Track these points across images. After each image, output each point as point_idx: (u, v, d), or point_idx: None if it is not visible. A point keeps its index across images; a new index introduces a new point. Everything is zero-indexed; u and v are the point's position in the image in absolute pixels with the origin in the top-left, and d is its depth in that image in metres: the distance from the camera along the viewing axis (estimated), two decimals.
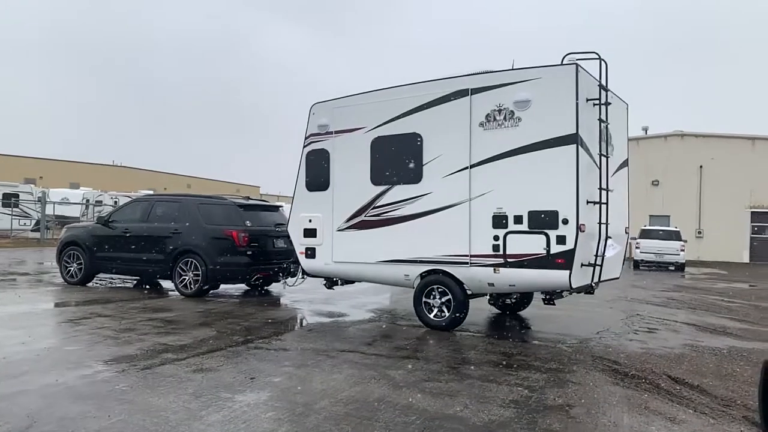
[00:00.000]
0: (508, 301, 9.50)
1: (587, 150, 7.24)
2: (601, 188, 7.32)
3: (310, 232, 9.02)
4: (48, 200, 32.65)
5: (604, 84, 7.53)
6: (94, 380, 5.02)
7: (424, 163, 8.03)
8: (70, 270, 11.81)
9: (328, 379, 5.28)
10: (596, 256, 7.30)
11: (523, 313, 9.77)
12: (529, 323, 9.01)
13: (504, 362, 6.25)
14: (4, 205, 29.37)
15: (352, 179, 8.64)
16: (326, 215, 8.86)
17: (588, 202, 7.20)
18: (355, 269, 8.73)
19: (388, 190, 8.31)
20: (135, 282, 12.45)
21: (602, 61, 7.38)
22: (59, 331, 7.11)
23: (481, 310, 9.55)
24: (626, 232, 8.88)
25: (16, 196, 30.74)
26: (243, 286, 12.06)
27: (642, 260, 24.16)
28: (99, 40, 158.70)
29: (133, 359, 5.79)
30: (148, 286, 11.99)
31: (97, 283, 12.20)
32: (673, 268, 24.21)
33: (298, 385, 5.08)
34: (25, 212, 30.66)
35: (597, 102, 7.42)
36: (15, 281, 12.21)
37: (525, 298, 9.61)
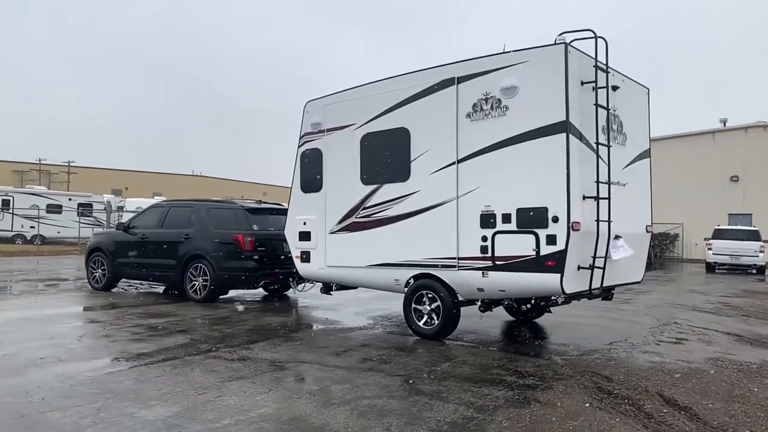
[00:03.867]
0: (523, 307, 8.76)
1: (582, 139, 6.47)
2: (598, 181, 6.50)
3: (304, 236, 8.65)
4: (125, 209, 34.25)
5: (605, 65, 6.72)
6: (14, 392, 4.81)
7: (411, 159, 7.48)
8: (95, 276, 12.02)
9: (256, 393, 4.86)
10: (594, 257, 6.49)
11: (541, 320, 8.98)
12: (540, 332, 8.24)
13: (475, 376, 5.60)
14: (79, 215, 30.95)
15: (344, 179, 8.20)
16: (320, 217, 8.47)
17: (585, 198, 6.44)
18: (347, 274, 8.28)
19: (377, 189, 7.82)
20: (164, 287, 12.43)
21: (598, 40, 6.58)
22: (36, 337, 7.04)
23: (494, 318, 8.87)
24: (647, 231, 7.93)
25: (90, 206, 32.37)
26: (261, 291, 11.86)
27: (715, 263, 22.26)
28: (173, 55, 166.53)
29: (79, 368, 5.60)
30: (176, 292, 11.94)
31: (123, 289, 12.36)
32: (754, 271, 22.17)
33: (219, 399, 4.69)
34: (99, 221, 32.20)
35: (596, 85, 6.62)
36: (46, 287, 12.58)
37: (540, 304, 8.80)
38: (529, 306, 8.61)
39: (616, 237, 6.90)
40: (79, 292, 11.80)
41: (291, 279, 10.53)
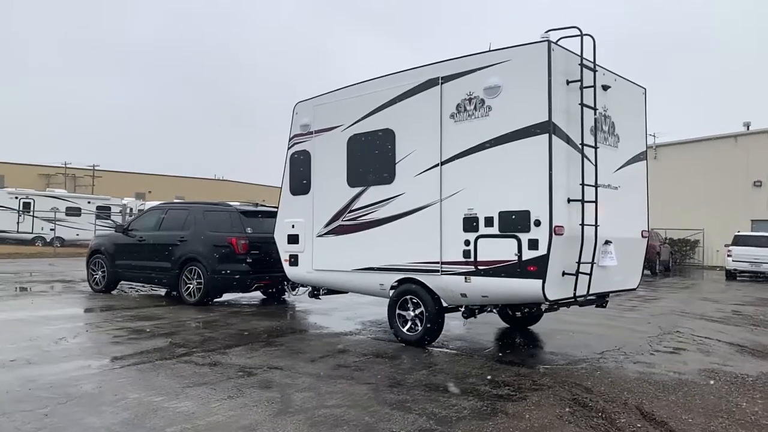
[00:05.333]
0: (517, 314, 8.51)
1: (567, 140, 6.23)
2: (584, 184, 6.24)
3: (292, 239, 8.54)
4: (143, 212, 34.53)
5: (593, 63, 6.48)
6: None
7: (396, 161, 7.31)
8: (95, 278, 12.05)
9: (213, 400, 4.72)
10: (579, 263, 6.23)
11: (535, 327, 8.72)
12: (532, 340, 7.99)
13: (447, 386, 5.40)
14: (96, 218, 31.31)
15: (331, 181, 8.07)
16: (307, 220, 8.34)
17: (570, 201, 6.20)
18: (334, 278, 8.14)
19: (363, 192, 7.66)
20: (165, 290, 12.37)
21: (583, 38, 6.33)
22: (17, 339, 6.99)
23: (487, 324, 8.66)
24: (643, 236, 7.64)
25: (108, 209, 32.77)
26: (259, 295, 11.76)
27: (735, 270, 21.63)
28: (194, 63, 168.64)
29: (44, 371, 5.52)
30: (175, 294, 11.89)
31: (123, 291, 12.37)
32: None
33: (172, 406, 4.56)
34: (115, 224, 32.54)
35: (582, 84, 6.37)
36: (48, 288, 12.65)
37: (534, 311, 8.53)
38: (523, 313, 8.36)
39: (607, 242, 6.65)
40: (79, 294, 11.83)
41: (285, 282, 10.41)
